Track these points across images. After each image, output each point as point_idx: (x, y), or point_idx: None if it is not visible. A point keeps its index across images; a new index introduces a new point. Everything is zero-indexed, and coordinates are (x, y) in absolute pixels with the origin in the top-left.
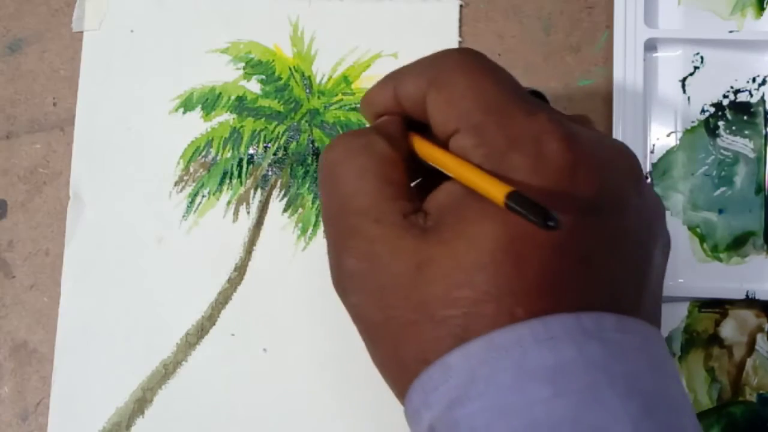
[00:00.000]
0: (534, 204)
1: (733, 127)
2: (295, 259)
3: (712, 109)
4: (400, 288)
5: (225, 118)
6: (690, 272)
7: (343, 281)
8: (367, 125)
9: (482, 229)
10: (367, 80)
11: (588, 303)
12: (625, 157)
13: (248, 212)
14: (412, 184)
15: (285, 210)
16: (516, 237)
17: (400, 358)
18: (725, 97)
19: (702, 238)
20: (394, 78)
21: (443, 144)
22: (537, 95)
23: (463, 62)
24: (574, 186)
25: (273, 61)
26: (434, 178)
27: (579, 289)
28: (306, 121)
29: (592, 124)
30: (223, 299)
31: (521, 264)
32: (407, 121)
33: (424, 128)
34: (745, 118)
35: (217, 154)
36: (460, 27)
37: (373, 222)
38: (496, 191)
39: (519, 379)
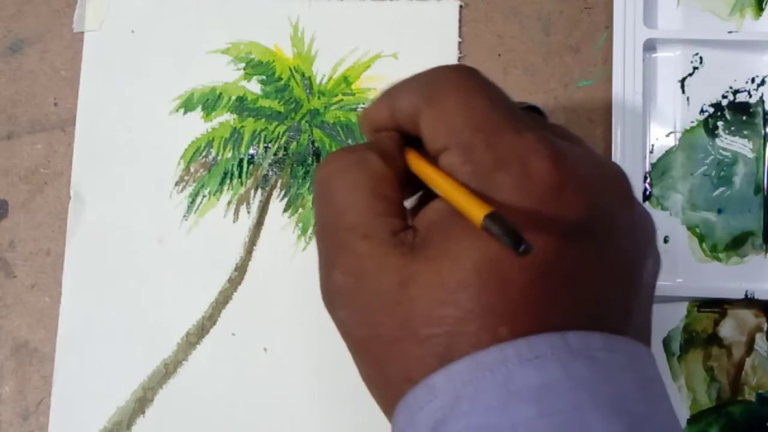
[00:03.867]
0: (509, 227)
1: (732, 128)
2: (295, 259)
3: (711, 110)
4: (385, 305)
5: (225, 118)
6: (689, 272)
7: (331, 296)
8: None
9: (467, 248)
10: (367, 80)
11: (575, 322)
12: (615, 176)
13: (248, 212)
14: (414, 198)
15: (285, 210)
16: (501, 256)
17: (386, 376)
18: (724, 97)
19: (701, 238)
20: (390, 94)
21: (434, 161)
22: (533, 110)
23: (455, 79)
24: (561, 206)
25: (273, 61)
26: (432, 194)
27: (565, 309)
28: (306, 122)
29: (583, 143)
30: (223, 299)
31: (506, 283)
32: (406, 137)
33: (421, 144)
34: (744, 118)
35: (217, 155)
36: (460, 27)
37: (361, 237)
38: (476, 211)
39: (503, 400)
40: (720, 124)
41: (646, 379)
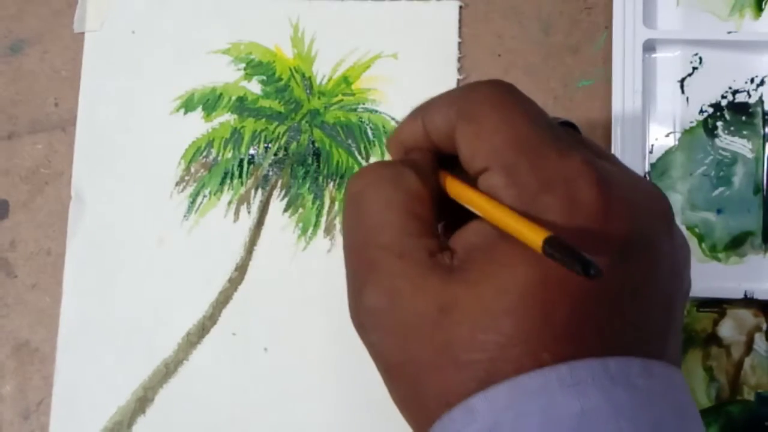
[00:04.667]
0: (574, 251)
1: (732, 128)
2: (295, 258)
3: (711, 110)
4: (423, 328)
5: (226, 118)
6: None
7: (361, 317)
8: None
9: (512, 273)
10: (367, 80)
11: (615, 347)
12: (658, 201)
13: (249, 212)
14: (440, 224)
15: (285, 210)
16: (546, 282)
17: (421, 399)
18: (723, 97)
19: (700, 238)
20: (422, 110)
21: (471, 179)
22: (567, 125)
23: (494, 95)
24: (607, 231)
25: (273, 61)
26: (459, 215)
27: (606, 333)
28: (306, 122)
29: (617, 161)
30: (224, 299)
31: (550, 309)
32: (438, 158)
33: (454, 162)
34: (744, 118)
35: (218, 155)
36: (460, 27)
37: (396, 257)
38: (534, 235)
39: (544, 426)
40: (719, 124)
41: (682, 405)
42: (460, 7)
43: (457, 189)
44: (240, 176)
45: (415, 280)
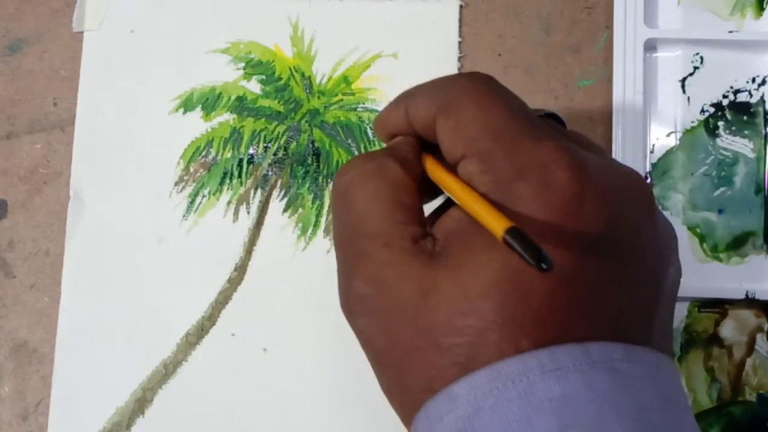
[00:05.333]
0: (530, 243)
1: (733, 128)
2: (295, 259)
3: (712, 110)
4: (406, 313)
5: (225, 118)
6: (690, 272)
7: (350, 305)
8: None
9: (487, 258)
10: (367, 80)
11: (596, 333)
12: (637, 185)
13: (248, 212)
14: (433, 203)
15: (285, 210)
16: (522, 267)
17: (406, 385)
18: (725, 97)
19: (702, 238)
20: (406, 99)
21: (452, 168)
22: (552, 117)
23: (472, 87)
24: (582, 215)
25: (273, 61)
26: (451, 200)
27: (587, 319)
28: (306, 121)
29: (603, 152)
30: (223, 299)
31: (528, 294)
32: (423, 142)
33: (438, 149)
34: (745, 118)
35: (217, 154)
36: (460, 27)
37: (382, 246)
38: (497, 224)
39: (525, 411)
40: (721, 124)
41: (668, 390)
42: (461, 6)
43: (437, 174)
44: (239, 176)
45: (399, 266)
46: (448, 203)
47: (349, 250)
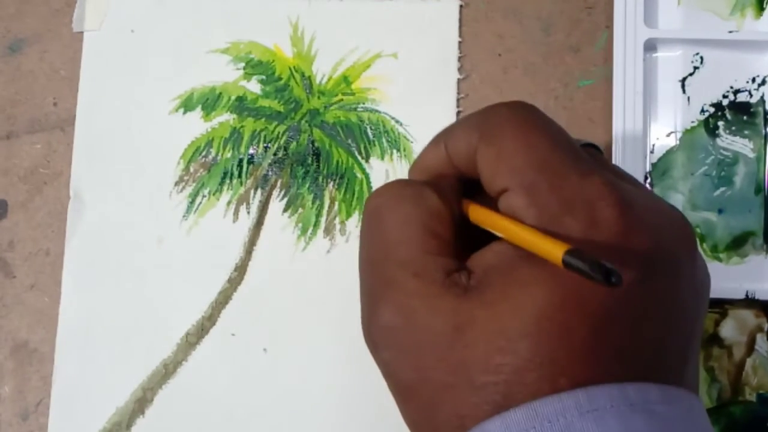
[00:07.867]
0: (594, 261)
1: (733, 127)
2: (294, 259)
3: (712, 109)
4: (438, 348)
5: (225, 118)
6: None
7: (375, 335)
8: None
9: (530, 294)
10: (367, 80)
11: (634, 372)
12: (680, 224)
13: (248, 212)
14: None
15: (285, 210)
16: (565, 304)
17: (434, 421)
18: (725, 97)
19: (702, 238)
20: (444, 135)
21: (493, 201)
22: (590, 146)
23: (515, 116)
24: (628, 251)
25: (273, 61)
26: (477, 237)
27: (625, 358)
28: (306, 121)
29: (642, 186)
30: (223, 299)
31: (568, 332)
32: (461, 185)
33: (477, 189)
34: (745, 118)
35: (217, 154)
36: (460, 27)
37: (412, 275)
38: (554, 249)
39: None
40: (721, 123)
41: (701, 431)
42: (461, 6)
43: (478, 213)
44: (239, 176)
45: (429, 299)
46: (475, 240)
47: (376, 276)
